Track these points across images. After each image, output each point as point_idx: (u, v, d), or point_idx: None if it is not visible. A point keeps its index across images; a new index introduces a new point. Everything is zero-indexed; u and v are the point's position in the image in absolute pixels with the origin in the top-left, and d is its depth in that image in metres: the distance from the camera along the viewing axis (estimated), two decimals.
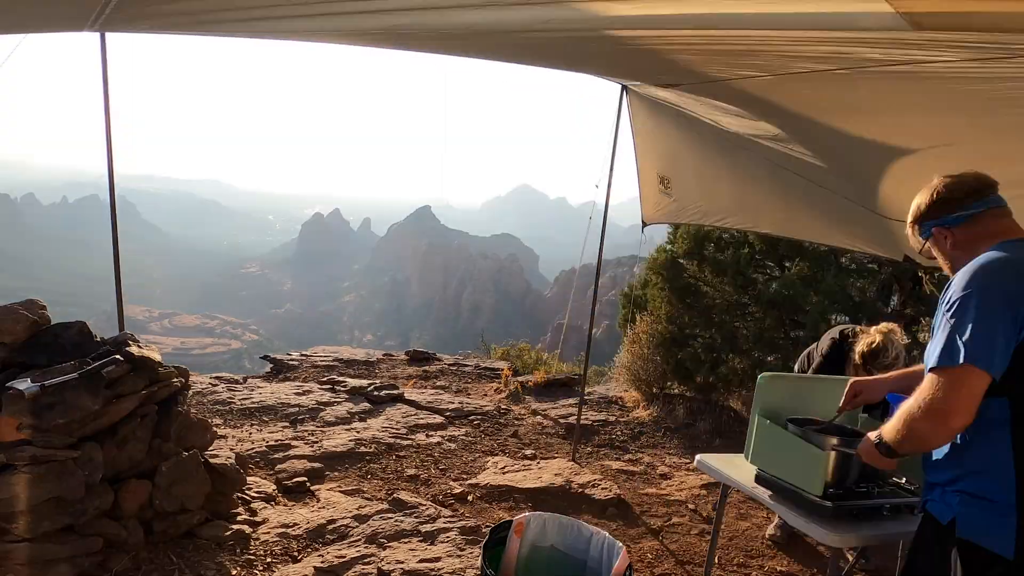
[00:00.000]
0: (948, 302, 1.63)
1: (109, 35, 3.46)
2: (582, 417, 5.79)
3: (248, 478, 4.05)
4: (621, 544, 2.41)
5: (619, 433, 6.05)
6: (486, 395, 6.98)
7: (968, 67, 1.93)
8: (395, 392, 6.46)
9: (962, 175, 1.80)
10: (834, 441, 2.29)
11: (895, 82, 2.24)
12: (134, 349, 3.44)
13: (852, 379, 2.39)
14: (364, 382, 6.72)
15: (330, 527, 3.70)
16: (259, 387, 6.29)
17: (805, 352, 3.98)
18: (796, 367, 3.99)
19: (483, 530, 3.71)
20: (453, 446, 5.26)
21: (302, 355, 8.06)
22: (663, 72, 3.13)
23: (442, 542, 3.61)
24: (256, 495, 3.97)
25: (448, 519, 3.88)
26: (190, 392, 4.48)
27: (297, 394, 6.11)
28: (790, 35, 2.00)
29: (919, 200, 1.84)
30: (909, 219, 1.89)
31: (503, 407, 6.45)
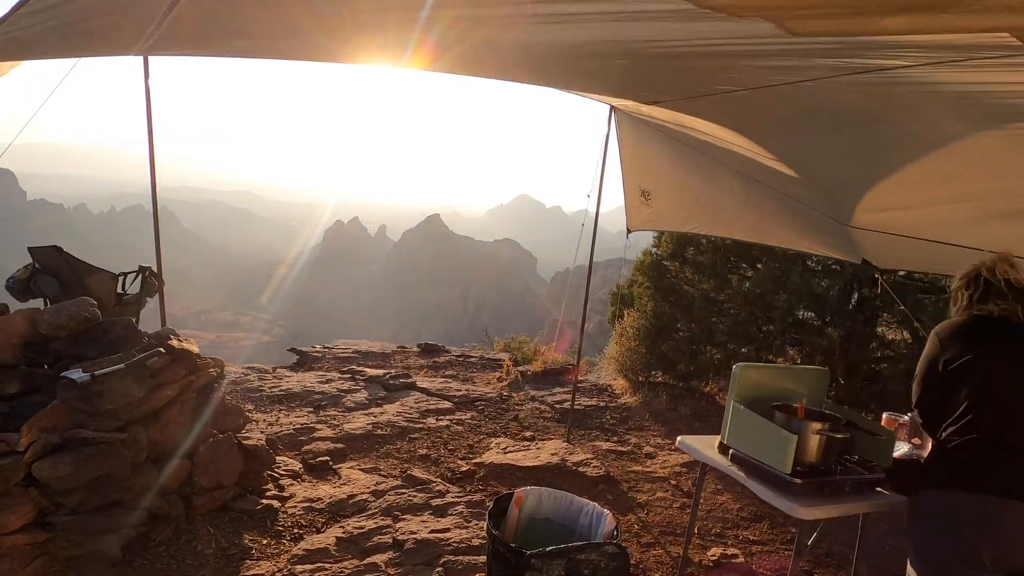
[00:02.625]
0: None
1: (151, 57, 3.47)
2: (575, 403, 5.79)
3: (277, 458, 4.05)
4: (608, 512, 2.41)
5: (609, 417, 6.05)
6: (489, 383, 6.98)
7: (923, 72, 1.90)
8: (408, 381, 6.46)
9: None
10: (818, 426, 2.31)
11: (863, 94, 2.22)
12: (175, 342, 3.44)
13: None
14: (380, 372, 6.72)
15: (350, 501, 3.71)
16: (286, 376, 6.29)
17: None
18: None
19: (487, 504, 3.70)
20: (460, 429, 5.26)
21: (325, 348, 8.06)
22: (647, 89, 3.11)
23: (451, 515, 3.61)
24: (284, 473, 3.98)
25: (456, 494, 3.89)
26: (225, 380, 4.47)
27: (320, 383, 6.11)
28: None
29: None
30: None
31: (505, 394, 6.44)
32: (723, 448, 2.58)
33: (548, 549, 2.08)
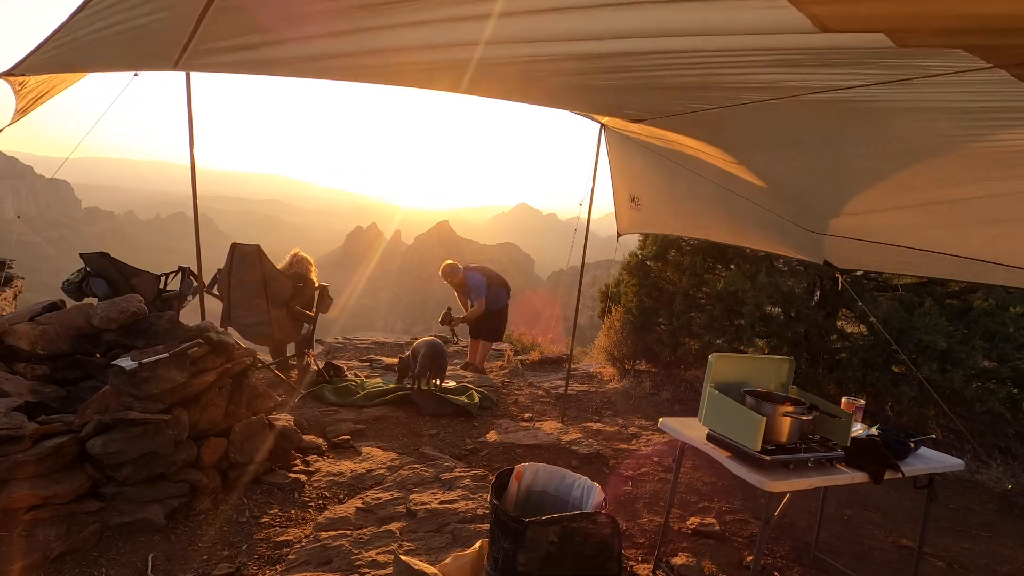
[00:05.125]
0: None
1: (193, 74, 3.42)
2: (569, 388, 5.79)
3: (303, 437, 4.05)
4: (597, 485, 2.41)
5: (598, 401, 6.05)
6: (492, 371, 6.98)
7: (876, 92, 1.88)
8: None
9: None
10: (784, 409, 2.31)
11: (821, 114, 2.21)
12: (213, 334, 3.44)
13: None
14: (395, 360, 6.71)
15: (369, 476, 3.71)
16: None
17: None
18: None
19: (490, 478, 3.71)
20: None
21: (346, 339, 8.07)
22: (632, 108, 3.10)
23: (458, 488, 3.61)
24: (310, 450, 3.98)
25: (463, 469, 3.89)
26: (258, 368, 4.48)
27: None
28: (730, 70, 1.95)
29: None
30: None
31: (506, 380, 6.44)
32: (700, 429, 2.58)
33: (544, 518, 2.08)
